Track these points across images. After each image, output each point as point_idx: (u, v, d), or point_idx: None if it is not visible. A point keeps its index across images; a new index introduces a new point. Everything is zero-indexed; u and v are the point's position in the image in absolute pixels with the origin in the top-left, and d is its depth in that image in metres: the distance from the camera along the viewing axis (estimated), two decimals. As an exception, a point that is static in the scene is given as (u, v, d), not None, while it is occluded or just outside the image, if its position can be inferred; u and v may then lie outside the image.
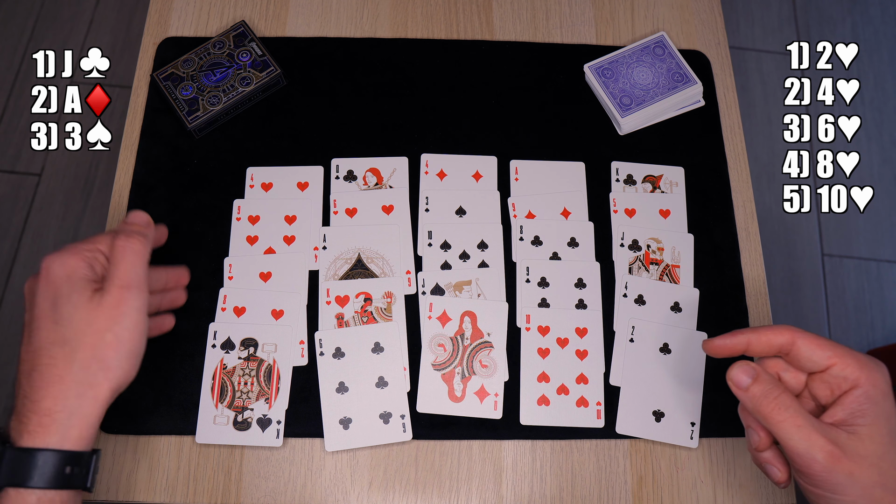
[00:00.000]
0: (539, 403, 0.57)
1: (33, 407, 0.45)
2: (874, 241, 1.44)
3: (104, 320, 0.47)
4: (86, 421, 0.46)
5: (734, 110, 0.69)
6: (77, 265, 0.48)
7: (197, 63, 0.66)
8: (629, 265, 0.62)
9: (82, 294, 0.47)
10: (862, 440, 0.43)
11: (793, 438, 0.43)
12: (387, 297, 0.60)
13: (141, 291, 0.48)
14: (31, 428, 0.44)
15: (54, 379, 0.45)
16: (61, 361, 0.46)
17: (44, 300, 0.48)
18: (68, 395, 0.45)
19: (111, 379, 0.47)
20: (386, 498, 0.55)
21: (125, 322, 0.47)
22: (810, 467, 0.43)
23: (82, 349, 0.46)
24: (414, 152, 0.65)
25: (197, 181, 0.64)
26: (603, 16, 0.72)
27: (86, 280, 0.48)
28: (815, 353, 0.46)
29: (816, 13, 1.62)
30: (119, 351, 0.47)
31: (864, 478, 0.42)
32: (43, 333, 0.47)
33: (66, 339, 0.46)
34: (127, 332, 0.47)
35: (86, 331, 0.46)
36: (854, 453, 0.43)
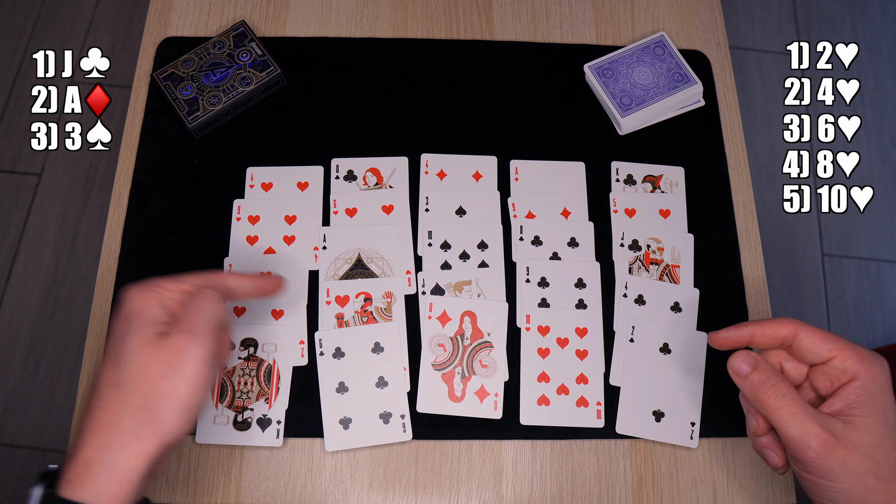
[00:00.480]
0: (539, 403, 0.57)
1: (77, 452, 0.42)
2: (874, 241, 1.44)
3: (161, 366, 0.43)
4: (125, 476, 0.41)
5: (734, 110, 0.69)
6: (147, 302, 0.45)
7: (197, 63, 0.66)
8: (629, 265, 0.62)
9: (144, 334, 0.44)
10: (857, 430, 0.44)
11: (788, 425, 0.44)
12: (387, 297, 0.60)
13: (206, 341, 0.44)
14: (70, 476, 0.41)
15: (101, 425, 0.42)
16: (112, 406, 0.42)
17: (114, 335, 0.45)
18: (112, 446, 0.41)
19: (160, 433, 0.42)
20: (386, 498, 0.55)
21: (183, 372, 0.43)
22: (804, 454, 0.44)
23: (134, 396, 0.42)
24: (414, 152, 0.65)
25: (197, 181, 0.64)
26: (603, 16, 0.72)
27: (152, 320, 0.44)
28: (817, 345, 0.47)
29: (816, 13, 1.62)
30: (173, 403, 0.42)
31: (858, 466, 0.43)
32: (105, 372, 0.44)
33: (121, 382, 0.43)
34: (183, 384, 0.43)
35: (141, 376, 0.42)
36: (848, 442, 0.43)
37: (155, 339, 0.44)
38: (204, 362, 0.44)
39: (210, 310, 0.45)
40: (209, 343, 0.44)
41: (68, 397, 1.26)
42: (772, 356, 0.50)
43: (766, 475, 0.57)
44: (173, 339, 0.44)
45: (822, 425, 0.44)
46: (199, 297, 0.46)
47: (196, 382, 0.43)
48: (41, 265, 1.34)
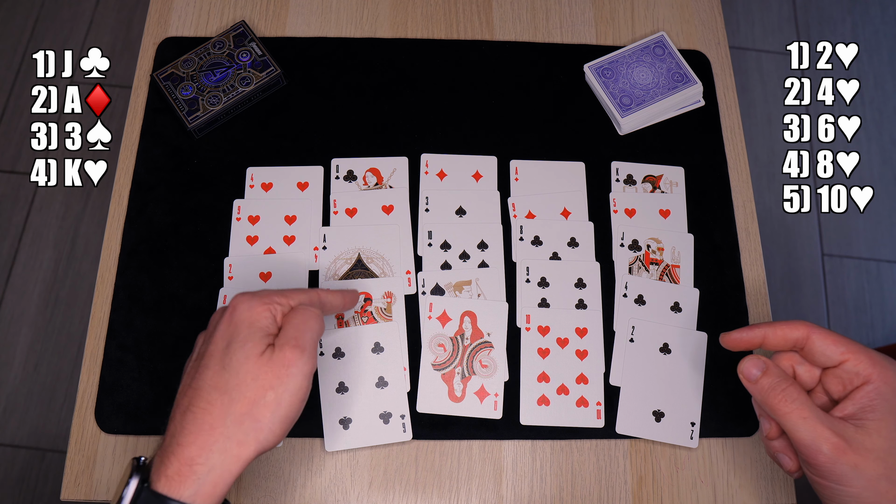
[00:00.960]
0: (539, 403, 0.57)
1: (178, 451, 0.43)
2: (874, 241, 1.44)
3: (270, 378, 0.44)
4: (222, 478, 0.43)
5: (734, 110, 0.69)
6: (262, 314, 0.47)
7: (197, 63, 0.66)
8: (629, 265, 0.62)
9: (256, 346, 0.45)
10: (869, 434, 0.44)
11: (799, 429, 0.44)
12: (387, 297, 0.60)
13: (311, 357, 0.46)
14: (169, 472, 0.42)
15: (205, 427, 0.43)
16: (217, 409, 0.44)
17: (220, 339, 0.46)
18: (213, 448, 0.43)
19: (260, 441, 0.44)
20: (386, 498, 0.55)
21: (290, 385, 0.45)
22: (816, 458, 0.44)
23: (240, 403, 0.44)
24: (414, 152, 0.65)
25: (197, 181, 0.64)
26: (603, 16, 0.72)
27: (264, 332, 0.46)
28: (829, 348, 0.47)
29: (816, 13, 1.62)
30: (276, 413, 0.44)
31: (870, 470, 0.43)
32: (209, 374, 0.45)
33: (228, 387, 0.44)
34: (288, 396, 0.45)
35: (249, 385, 0.44)
36: (860, 446, 0.43)
37: (266, 352, 0.45)
38: (307, 377, 0.46)
39: (315, 327, 0.47)
40: (313, 359, 0.46)
41: (68, 397, 1.26)
42: (784, 359, 0.50)
43: (766, 475, 0.57)
44: (283, 352, 0.45)
45: (834, 429, 0.44)
46: (305, 313, 0.48)
47: (299, 396, 0.45)
48: (41, 265, 1.34)
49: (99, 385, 0.57)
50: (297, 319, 0.47)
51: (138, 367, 0.57)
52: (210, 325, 0.49)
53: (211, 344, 0.46)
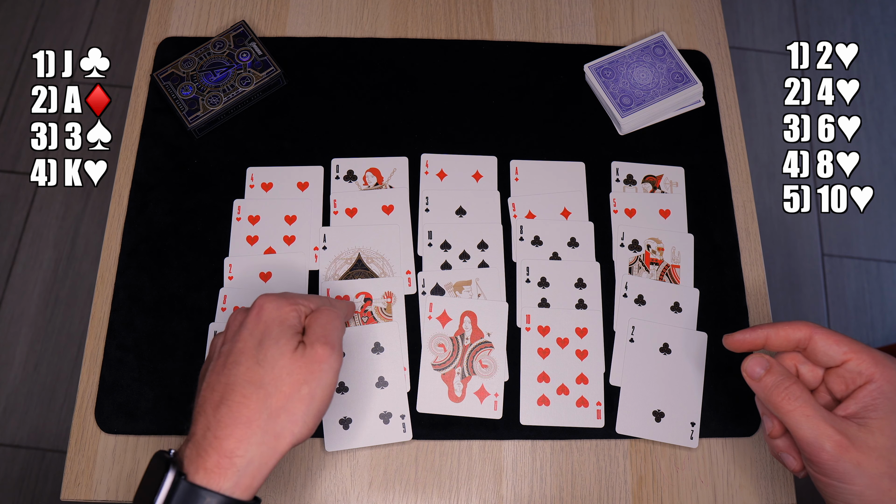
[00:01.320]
0: (539, 403, 0.57)
1: (216, 444, 0.43)
2: (874, 241, 1.44)
3: (304, 373, 0.45)
4: (260, 471, 0.44)
5: (734, 110, 0.69)
6: (290, 314, 0.48)
7: (197, 63, 0.66)
8: (629, 265, 0.62)
9: (290, 342, 0.46)
10: (872, 432, 0.44)
11: (802, 427, 0.45)
12: (387, 297, 0.60)
13: (340, 354, 0.48)
14: (208, 465, 0.43)
15: (242, 419, 0.44)
16: (254, 403, 0.44)
17: (251, 336, 0.47)
18: (251, 441, 0.43)
19: (295, 434, 0.45)
20: (386, 498, 0.55)
21: (322, 380, 0.46)
22: (818, 456, 0.44)
23: (276, 397, 0.45)
24: (414, 152, 0.65)
25: (197, 181, 0.64)
26: (603, 16, 0.72)
27: (294, 331, 0.47)
28: (832, 348, 0.47)
29: (816, 13, 1.62)
30: (310, 407, 0.45)
31: (872, 468, 0.43)
32: (242, 369, 0.45)
33: (264, 382, 0.45)
34: (321, 391, 0.46)
35: (285, 380, 0.45)
36: (863, 444, 0.43)
37: (299, 348, 0.47)
38: (336, 373, 0.47)
39: (340, 327, 0.49)
40: (340, 356, 0.48)
41: (68, 397, 1.26)
42: (787, 359, 0.50)
43: (766, 475, 0.57)
44: (314, 349, 0.46)
45: (836, 427, 0.44)
46: (330, 313, 0.49)
47: (329, 391, 0.47)
48: (41, 265, 1.34)
49: (99, 385, 0.57)
50: (323, 319, 0.49)
51: (138, 367, 0.57)
52: (230, 326, 0.49)
53: (239, 341, 0.47)
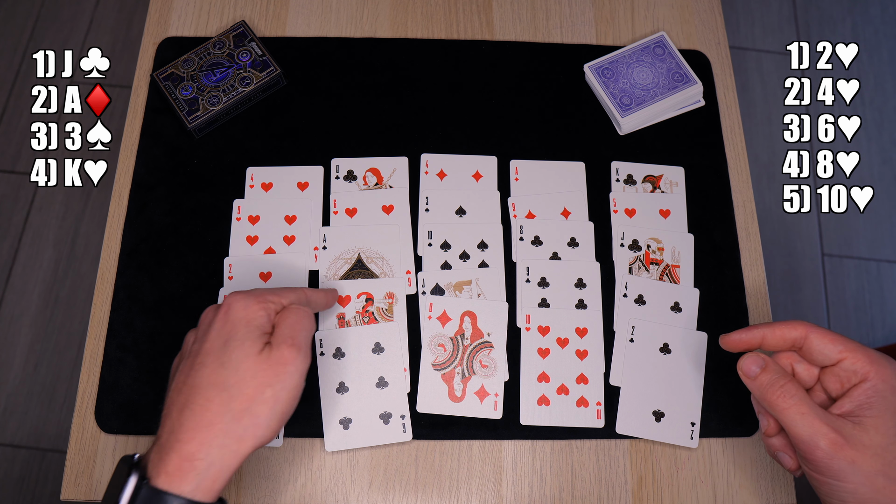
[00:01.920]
0: (539, 403, 0.57)
1: (178, 447, 0.43)
2: (874, 241, 1.44)
3: (268, 375, 0.45)
4: (221, 473, 0.43)
5: (734, 110, 0.69)
6: (258, 313, 0.47)
7: (197, 63, 0.66)
8: (629, 265, 0.62)
9: (255, 344, 0.46)
10: (867, 430, 0.44)
11: (797, 425, 0.45)
12: (388, 297, 0.60)
13: (306, 356, 0.47)
14: (169, 469, 0.42)
15: (204, 423, 0.44)
16: (216, 406, 0.44)
17: (217, 337, 0.47)
18: (213, 444, 0.43)
19: (258, 437, 0.44)
20: (386, 498, 0.55)
21: (287, 382, 0.45)
22: (813, 453, 0.44)
23: (239, 400, 0.44)
24: (414, 152, 0.65)
25: (197, 181, 0.64)
26: (603, 16, 0.72)
27: (261, 331, 0.47)
28: (827, 346, 0.48)
29: (816, 13, 1.62)
30: (273, 409, 0.45)
31: (867, 466, 0.43)
32: (206, 371, 0.45)
33: (227, 384, 0.45)
34: (285, 393, 0.45)
35: (248, 382, 0.45)
36: (857, 442, 0.44)
37: (264, 350, 0.46)
38: (303, 375, 0.46)
39: (308, 326, 0.48)
40: (308, 357, 0.47)
41: (68, 397, 1.26)
42: (783, 358, 0.50)
43: (766, 475, 0.57)
44: (280, 350, 0.46)
45: (831, 425, 0.44)
46: (298, 312, 0.48)
47: (294, 393, 0.46)
48: (41, 265, 1.34)
49: (99, 385, 0.57)
50: (291, 318, 0.48)
51: (138, 367, 0.57)
52: (202, 324, 0.49)
53: (206, 342, 0.47)
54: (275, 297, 0.49)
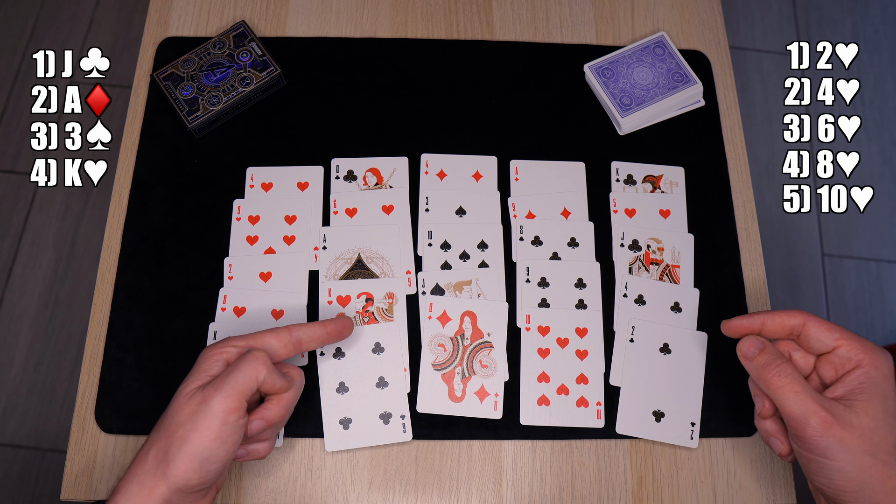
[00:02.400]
0: (539, 403, 0.57)
1: (118, 483, 0.45)
2: (874, 241, 1.44)
3: (184, 415, 0.45)
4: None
5: (734, 110, 0.69)
6: (211, 357, 0.48)
7: (197, 63, 0.66)
8: (629, 265, 0.62)
9: (190, 385, 0.47)
10: (856, 413, 0.46)
11: (789, 402, 0.47)
12: (388, 297, 0.60)
13: (227, 399, 0.45)
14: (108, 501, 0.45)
15: (136, 460, 0.46)
16: (147, 444, 0.46)
17: None
18: (134, 481, 0.45)
19: (168, 476, 0.44)
20: (386, 498, 0.55)
21: (199, 423, 0.45)
22: (804, 431, 0.46)
23: (160, 439, 0.45)
24: (414, 152, 0.65)
25: (197, 181, 0.64)
26: (603, 16, 0.72)
27: (204, 374, 0.48)
28: (824, 334, 0.50)
29: (816, 13, 1.62)
30: (182, 449, 0.44)
31: (854, 445, 0.45)
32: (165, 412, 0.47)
33: (160, 424, 0.46)
34: (196, 434, 0.45)
35: (170, 421, 0.46)
36: (847, 423, 0.45)
37: (196, 389, 0.47)
38: (219, 418, 0.45)
39: (246, 371, 0.47)
40: (230, 401, 0.45)
41: (68, 397, 1.26)
42: (781, 346, 0.52)
43: (766, 475, 0.57)
44: (204, 391, 0.46)
45: (823, 405, 0.46)
46: (246, 358, 0.47)
47: (208, 434, 0.45)
48: (41, 265, 1.34)
49: (99, 385, 0.57)
50: (236, 363, 0.47)
51: (138, 367, 0.57)
52: None
53: None
54: (239, 342, 0.49)
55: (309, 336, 0.52)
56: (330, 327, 0.53)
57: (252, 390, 0.47)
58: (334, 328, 0.53)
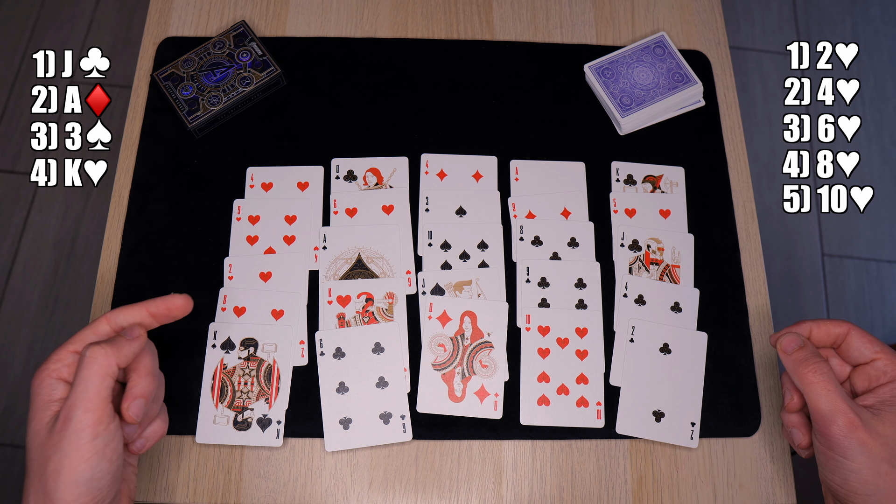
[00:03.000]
0: (539, 403, 0.57)
1: None
2: (874, 241, 1.44)
3: (49, 447, 0.42)
4: None
5: (734, 110, 0.69)
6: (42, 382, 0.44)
7: (197, 63, 0.66)
8: (629, 265, 0.62)
9: (38, 419, 0.44)
10: (883, 422, 0.47)
11: (821, 399, 0.47)
12: (388, 297, 0.60)
13: (88, 412, 0.42)
14: None
15: None
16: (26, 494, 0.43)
17: None
18: None
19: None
20: (386, 498, 0.55)
21: (65, 448, 0.41)
22: (829, 428, 0.47)
23: (34, 481, 0.42)
24: (414, 152, 0.65)
25: (197, 181, 0.64)
26: (603, 16, 0.72)
27: (45, 401, 0.44)
28: (865, 346, 0.51)
29: (816, 13, 1.62)
30: (59, 482, 0.41)
31: (876, 451, 0.46)
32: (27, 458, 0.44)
33: (28, 470, 0.43)
34: (66, 460, 0.41)
35: (36, 461, 0.42)
36: (872, 429, 0.46)
37: (48, 421, 0.43)
38: (86, 434, 0.42)
39: (92, 375, 0.43)
40: (91, 414, 0.42)
41: (68, 397, 1.26)
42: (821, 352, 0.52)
43: (766, 475, 0.57)
44: (60, 415, 0.43)
45: (852, 407, 0.47)
46: (83, 361, 0.44)
47: (80, 455, 0.42)
48: (41, 265, 1.34)
49: (99, 385, 0.57)
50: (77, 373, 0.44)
51: (138, 367, 0.57)
52: None
53: None
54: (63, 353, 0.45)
55: (127, 319, 0.48)
56: (153, 307, 0.49)
57: (109, 389, 0.43)
58: (157, 308, 0.49)
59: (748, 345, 0.60)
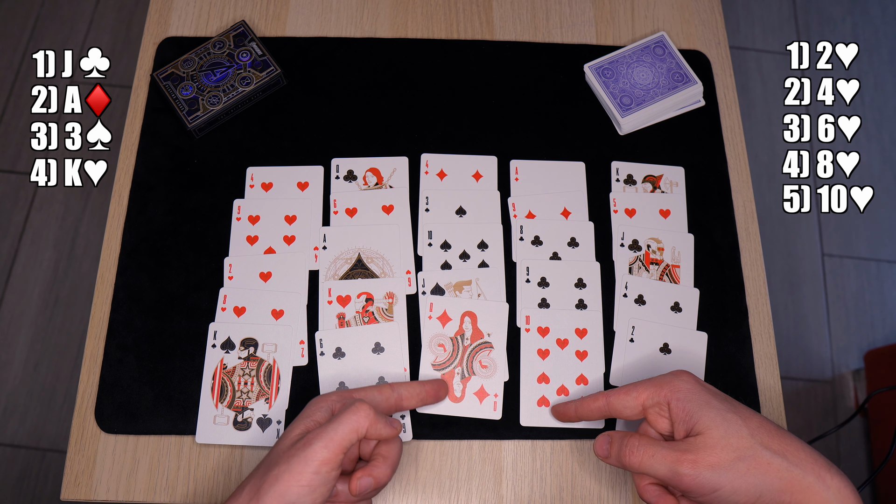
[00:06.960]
0: (539, 405, 0.57)
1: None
2: (874, 241, 1.44)
3: (283, 456, 0.46)
4: None
5: (734, 110, 0.69)
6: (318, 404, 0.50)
7: (197, 63, 0.66)
8: (629, 265, 0.62)
9: (294, 429, 0.48)
10: (704, 434, 0.46)
11: (655, 467, 0.47)
12: (388, 297, 0.60)
13: (325, 448, 0.46)
14: None
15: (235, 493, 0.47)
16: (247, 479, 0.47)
17: None
18: None
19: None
20: (386, 498, 0.55)
21: (294, 466, 0.45)
22: (682, 482, 0.46)
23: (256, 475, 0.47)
24: (414, 152, 0.65)
25: (197, 181, 0.64)
26: (603, 16, 0.72)
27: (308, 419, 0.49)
28: (625, 400, 0.50)
29: (816, 13, 1.62)
30: (274, 488, 0.45)
31: (724, 461, 0.45)
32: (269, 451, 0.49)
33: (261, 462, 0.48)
34: (289, 475, 0.45)
35: (273, 458, 0.47)
36: (705, 448, 0.46)
37: (299, 433, 0.48)
38: (312, 465, 0.45)
39: (347, 423, 0.47)
40: (327, 451, 0.46)
41: (68, 397, 1.26)
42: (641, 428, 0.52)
43: (766, 475, 0.57)
44: (306, 437, 0.47)
45: (679, 450, 0.47)
46: (346, 409, 0.48)
47: (299, 479, 0.45)
48: (41, 265, 1.34)
49: (99, 385, 0.57)
50: (339, 413, 0.48)
51: (138, 367, 0.57)
52: None
53: None
54: (346, 393, 0.51)
55: (409, 393, 0.53)
56: (429, 387, 0.55)
57: (351, 442, 0.47)
58: (432, 388, 0.55)
59: (748, 345, 0.60)
